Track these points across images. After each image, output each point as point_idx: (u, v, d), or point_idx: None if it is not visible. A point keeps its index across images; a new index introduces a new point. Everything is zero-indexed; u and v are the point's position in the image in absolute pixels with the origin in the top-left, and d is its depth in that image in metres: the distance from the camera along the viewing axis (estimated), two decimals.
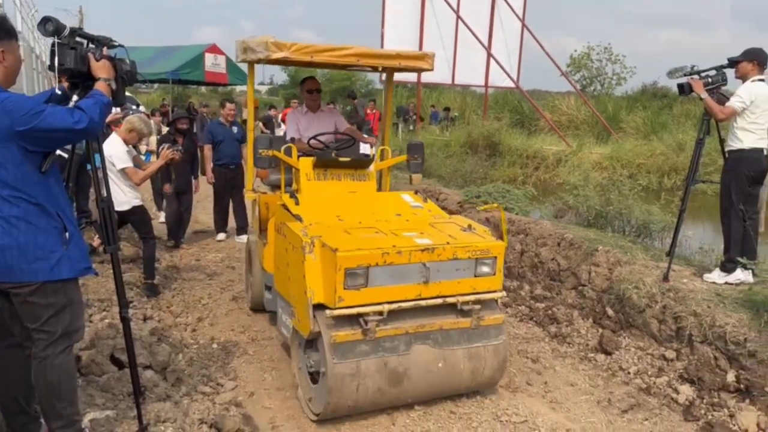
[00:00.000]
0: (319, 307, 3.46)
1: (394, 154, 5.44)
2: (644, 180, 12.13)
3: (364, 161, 4.84)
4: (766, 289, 4.68)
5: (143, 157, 6.92)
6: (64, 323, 2.67)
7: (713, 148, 5.52)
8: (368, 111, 17.35)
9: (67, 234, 2.65)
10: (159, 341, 4.48)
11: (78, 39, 2.82)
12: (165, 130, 9.26)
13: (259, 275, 5.15)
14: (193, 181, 7.79)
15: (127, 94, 3.30)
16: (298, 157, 4.63)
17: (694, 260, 5.83)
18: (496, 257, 3.72)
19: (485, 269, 3.71)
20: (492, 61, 17.92)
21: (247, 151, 5.22)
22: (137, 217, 5.60)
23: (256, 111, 21.98)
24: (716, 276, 5.04)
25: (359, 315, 3.44)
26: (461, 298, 3.67)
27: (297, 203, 4.05)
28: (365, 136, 6.45)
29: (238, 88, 31.07)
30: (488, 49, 17.78)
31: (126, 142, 5.51)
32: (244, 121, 7.48)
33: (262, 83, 58.16)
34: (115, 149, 5.38)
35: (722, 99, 5.14)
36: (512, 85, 19.19)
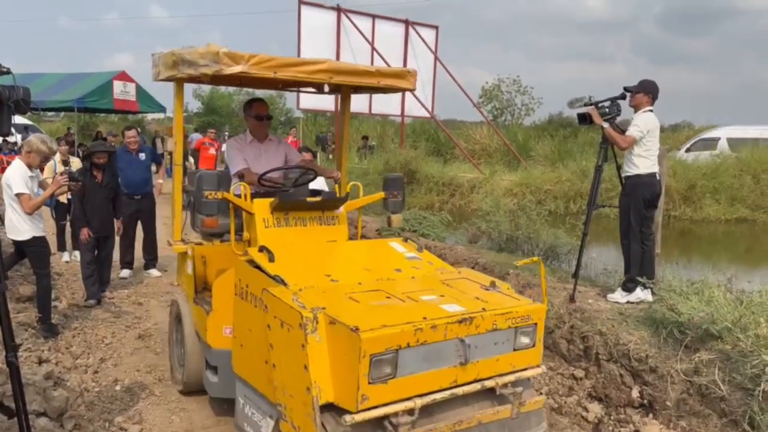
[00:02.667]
0: (328, 407, 2.59)
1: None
2: (551, 205, 12.69)
3: (335, 201, 3.95)
4: (663, 306, 4.95)
5: None
6: None
7: (614, 174, 5.83)
8: (289, 139, 17.22)
9: None
10: (55, 386, 4.15)
11: None
12: (74, 160, 8.51)
13: (195, 350, 4.12)
14: (116, 222, 6.91)
15: (29, 122, 3.06)
16: (252, 197, 3.71)
17: (599, 281, 6.12)
18: (536, 324, 3.02)
19: (525, 340, 3.00)
20: (408, 93, 18.34)
21: (175, 192, 4.28)
22: (35, 249, 5.29)
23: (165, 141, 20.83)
24: (618, 296, 5.29)
25: (385, 416, 2.59)
26: (500, 380, 2.92)
27: (272, 259, 3.14)
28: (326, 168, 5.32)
29: (150, 116, 30.08)
30: None
31: (30, 167, 5.25)
32: (170, 153, 6.42)
33: None
34: (12, 174, 5.19)
35: (617, 128, 5.48)
36: (428, 115, 19.67)
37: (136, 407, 4.20)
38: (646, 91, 5.35)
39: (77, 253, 8.26)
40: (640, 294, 5.24)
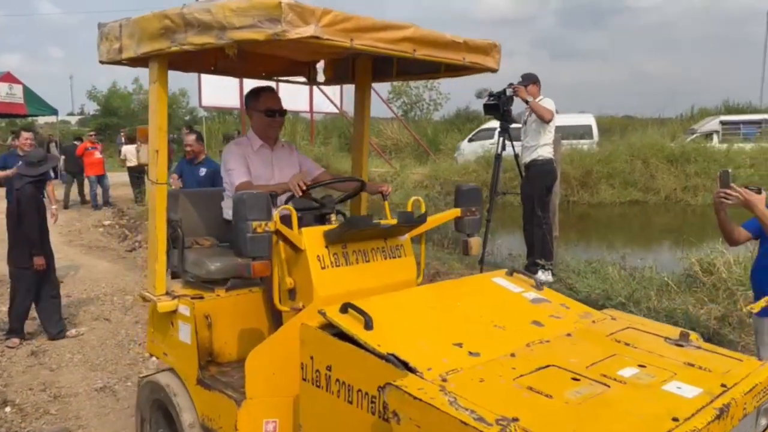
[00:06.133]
0: None
1: None
2: None
3: (404, 226, 2.81)
4: (563, 286, 5.18)
5: None
6: None
7: (514, 164, 6.04)
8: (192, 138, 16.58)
9: None
10: None
11: None
12: None
13: None
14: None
15: None
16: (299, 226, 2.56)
17: (504, 266, 6.30)
18: None
19: (764, 422, 2.09)
20: (315, 88, 18.20)
21: (156, 222, 2.89)
22: None
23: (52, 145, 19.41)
24: None
25: None
26: None
27: (370, 326, 2.06)
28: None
29: (41, 119, 28.21)
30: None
31: None
32: (142, 166, 4.24)
33: (71, 113, 53.29)
34: None
35: (514, 119, 5.76)
36: (337, 111, 19.62)
37: (28, 429, 3.91)
38: (533, 81, 5.76)
39: None
40: (542, 276, 5.45)
